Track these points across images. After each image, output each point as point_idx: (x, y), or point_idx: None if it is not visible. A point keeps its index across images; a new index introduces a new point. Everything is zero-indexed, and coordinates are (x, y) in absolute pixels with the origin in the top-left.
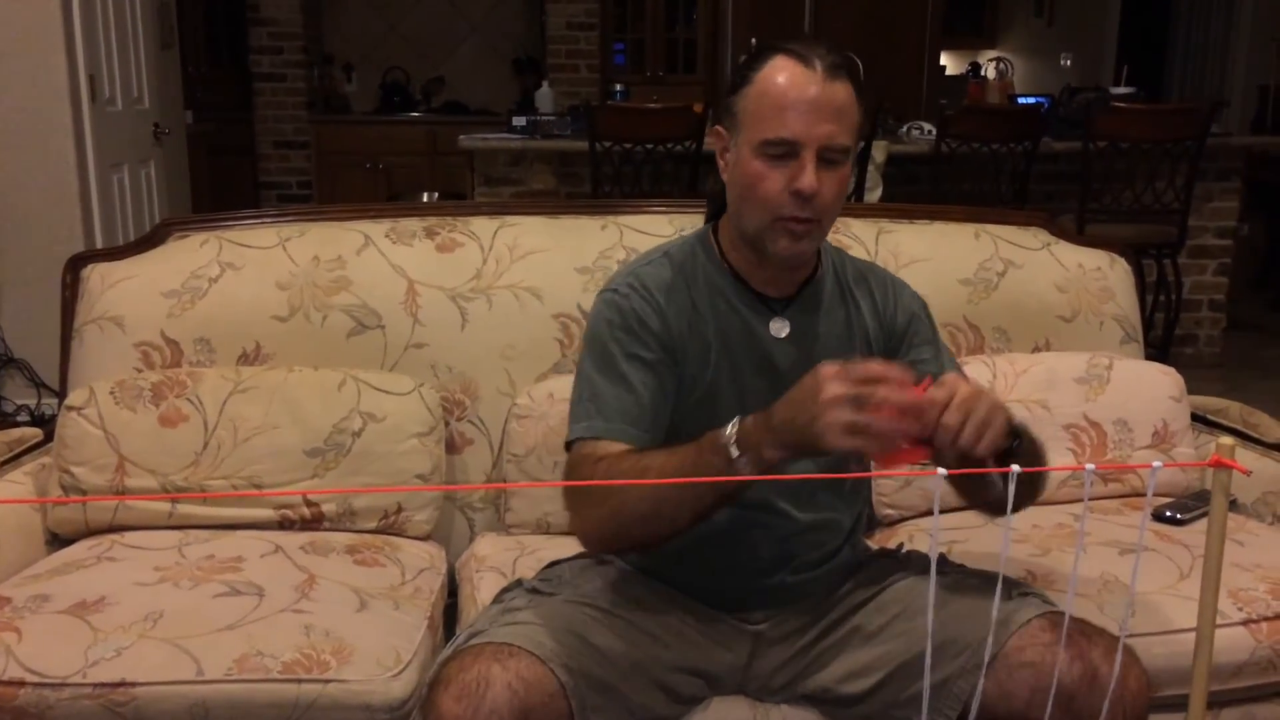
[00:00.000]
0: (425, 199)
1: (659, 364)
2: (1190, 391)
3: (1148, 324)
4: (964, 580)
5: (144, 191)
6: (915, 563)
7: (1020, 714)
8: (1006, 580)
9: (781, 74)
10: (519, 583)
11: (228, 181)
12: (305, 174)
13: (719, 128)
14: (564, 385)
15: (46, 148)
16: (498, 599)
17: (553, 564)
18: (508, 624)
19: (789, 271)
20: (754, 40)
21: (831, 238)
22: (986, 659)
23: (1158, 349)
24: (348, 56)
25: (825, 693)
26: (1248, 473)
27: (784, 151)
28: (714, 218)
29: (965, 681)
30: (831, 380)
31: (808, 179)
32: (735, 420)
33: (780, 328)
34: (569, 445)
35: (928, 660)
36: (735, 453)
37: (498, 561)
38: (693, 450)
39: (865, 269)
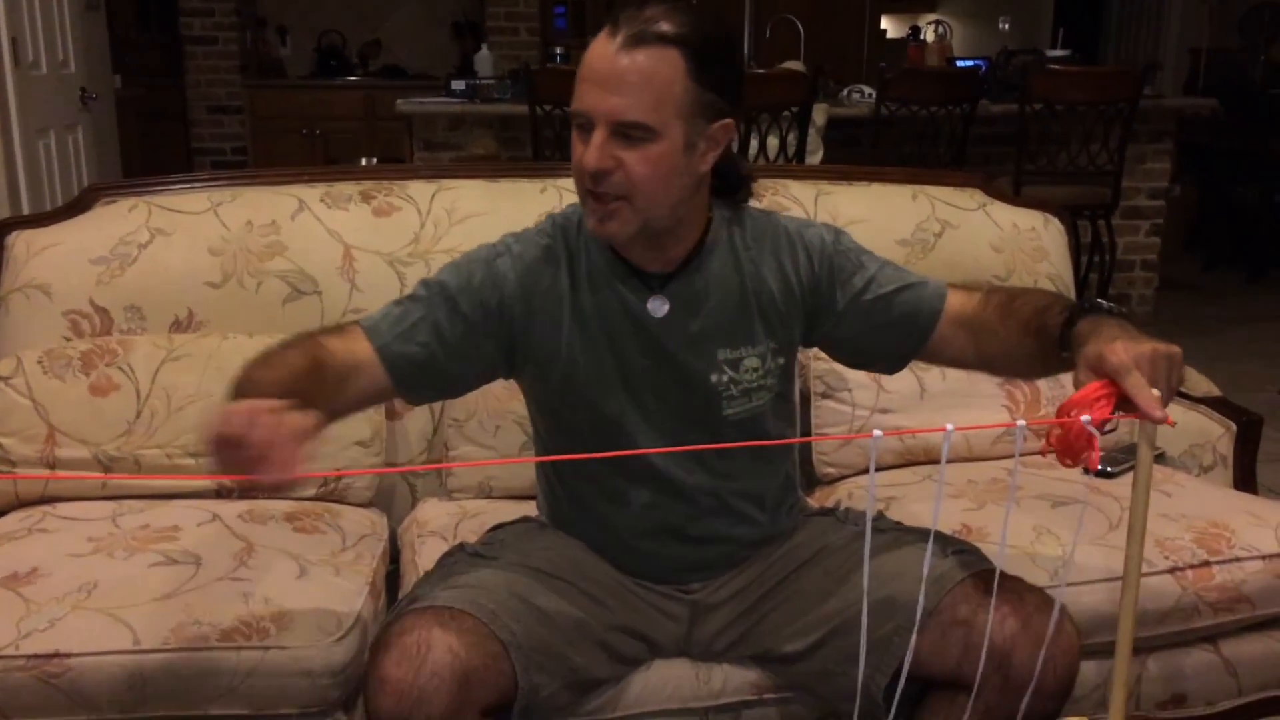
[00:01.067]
0: (364, 165)
1: (467, 330)
2: None
3: (1082, 284)
4: (901, 538)
5: (71, 158)
6: (853, 520)
7: (952, 672)
8: (941, 537)
9: (593, 44)
10: (461, 547)
11: (159, 148)
12: (240, 140)
13: None
14: None
15: None
16: (440, 564)
17: (495, 528)
18: (449, 588)
19: (660, 249)
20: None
21: (772, 200)
22: (919, 617)
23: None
24: (281, 19)
25: (767, 653)
26: (1173, 424)
27: (583, 123)
28: None
29: (901, 639)
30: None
31: (588, 153)
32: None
33: (658, 306)
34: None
35: (864, 619)
36: None
37: (439, 526)
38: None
39: (764, 226)
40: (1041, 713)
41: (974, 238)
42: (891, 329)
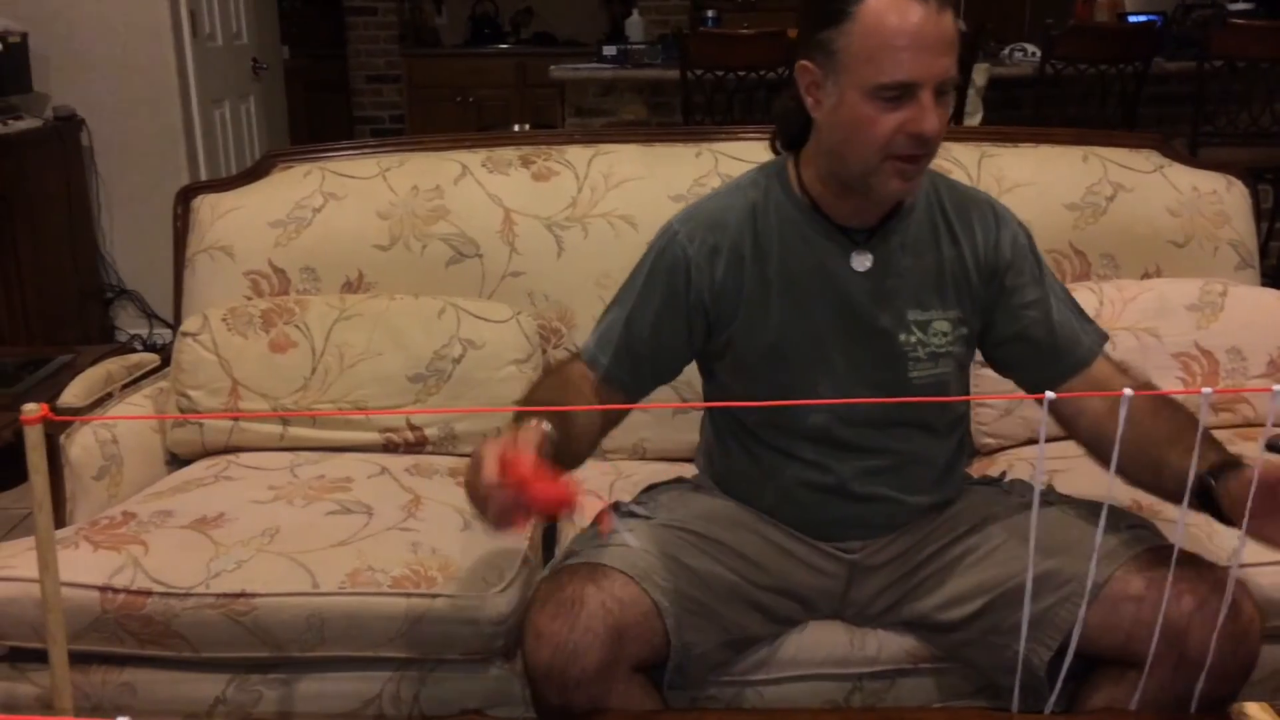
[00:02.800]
0: (517, 130)
1: (681, 326)
2: None
3: (1264, 250)
4: (1069, 511)
5: (244, 126)
6: (1018, 492)
7: (1121, 647)
8: (1114, 511)
9: (891, 12)
10: (615, 506)
11: (323, 116)
12: (398, 108)
13: (807, 63)
14: None
15: (151, 84)
16: (594, 522)
17: (649, 488)
18: (603, 545)
19: (867, 203)
20: None
21: (934, 163)
22: (1089, 589)
23: (1272, 277)
24: None
25: (923, 619)
26: None
27: (900, 94)
28: (789, 146)
29: (1067, 612)
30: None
31: (930, 122)
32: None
33: (862, 260)
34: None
35: (1028, 588)
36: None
37: (594, 485)
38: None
39: (968, 198)
40: (1219, 695)
41: (1149, 201)
42: (1042, 350)
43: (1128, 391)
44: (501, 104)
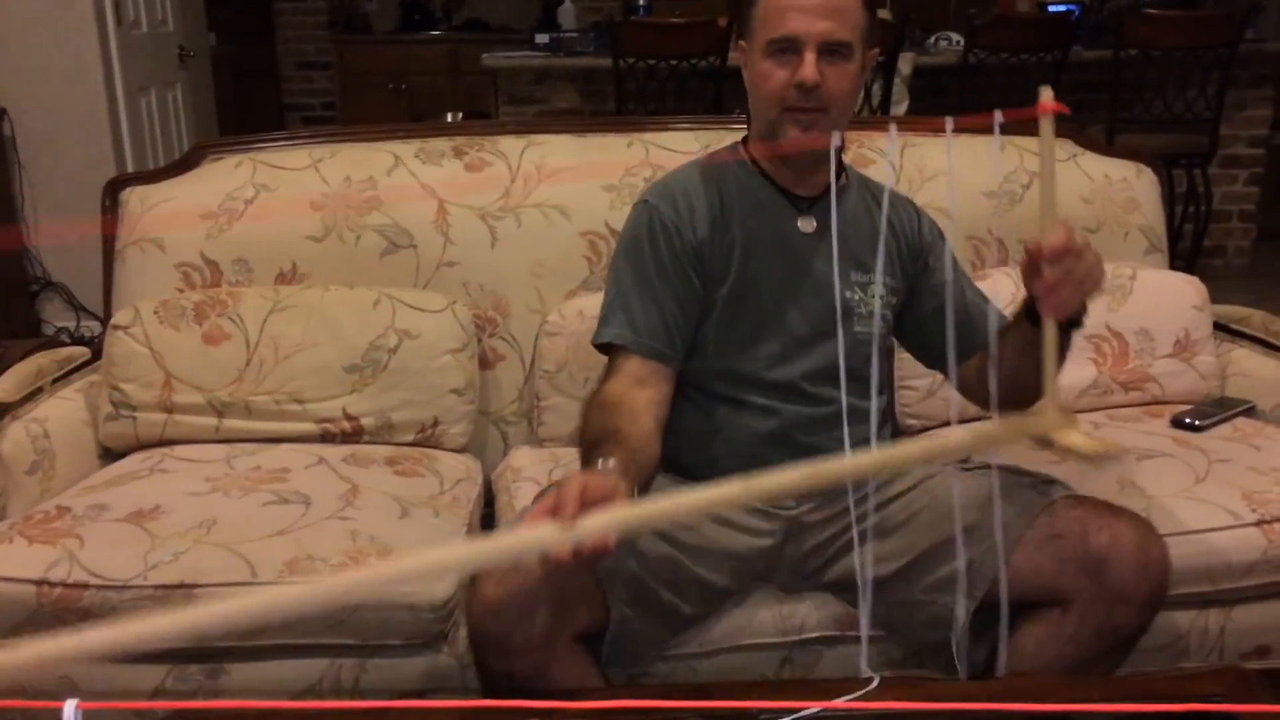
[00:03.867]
0: (450, 119)
1: (687, 277)
2: (1219, 302)
3: (1177, 235)
4: (992, 473)
5: (171, 114)
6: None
7: (1049, 586)
8: (1032, 474)
9: None
10: (557, 484)
11: (252, 104)
12: (329, 95)
13: (741, 42)
14: (593, 303)
15: (75, 72)
16: (540, 496)
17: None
18: None
19: (812, 173)
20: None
21: (857, 152)
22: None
23: (1186, 260)
24: None
25: (851, 578)
26: (1069, 111)
27: (786, 47)
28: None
29: (992, 560)
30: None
31: (808, 70)
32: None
33: (807, 224)
34: (601, 347)
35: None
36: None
37: (534, 473)
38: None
39: (892, 192)
40: (1132, 623)
41: (1064, 189)
42: (955, 327)
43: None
44: (434, 91)
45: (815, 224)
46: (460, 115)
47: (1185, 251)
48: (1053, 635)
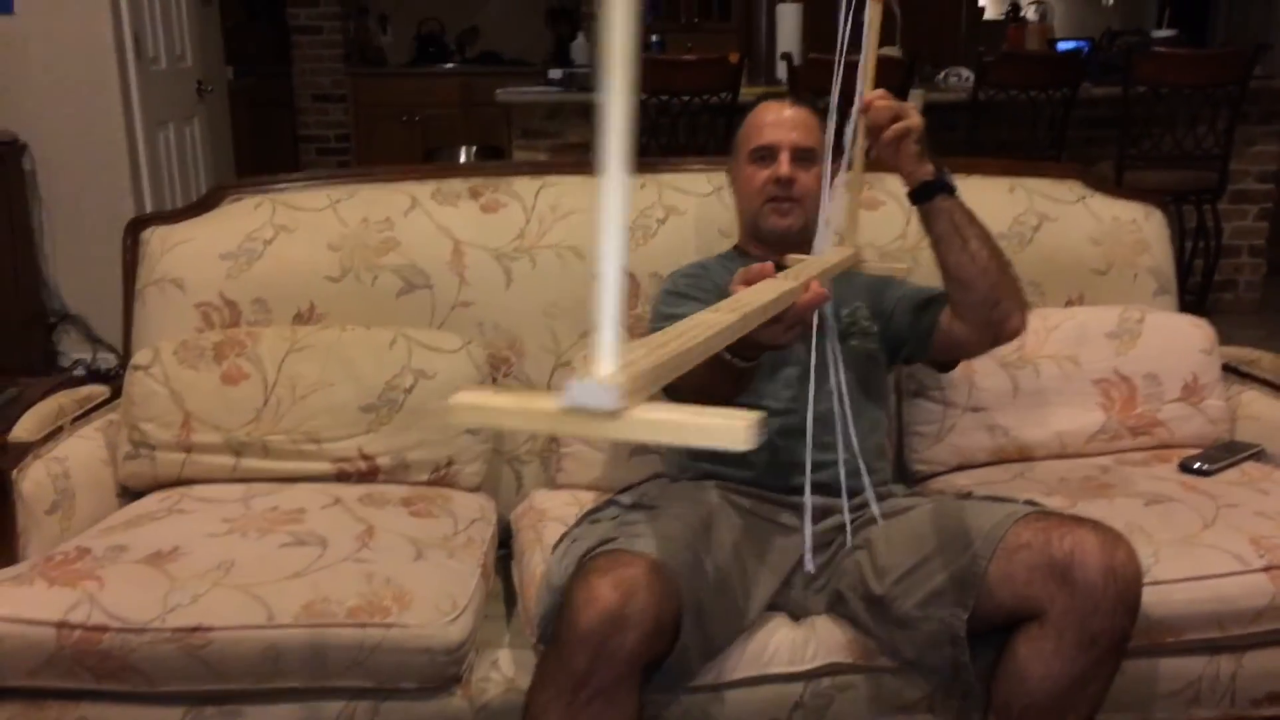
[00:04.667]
0: (464, 153)
1: (713, 300)
2: (1229, 338)
3: (1187, 270)
4: (977, 498)
5: (189, 148)
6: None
7: (1022, 595)
8: (1007, 498)
9: (760, 110)
10: (612, 501)
11: (267, 135)
12: (343, 127)
13: (730, 166)
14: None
15: (94, 108)
16: (592, 516)
17: (626, 488)
18: (639, 535)
19: (793, 251)
20: None
21: (868, 194)
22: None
23: (1196, 296)
24: (382, 8)
25: (855, 589)
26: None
27: (766, 154)
28: None
29: (977, 568)
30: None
31: (783, 167)
32: None
33: None
34: None
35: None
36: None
37: (559, 514)
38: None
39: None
40: (1111, 629)
41: (1073, 231)
42: (915, 306)
43: None
44: (447, 123)
45: None
46: (474, 149)
47: (1195, 287)
48: (1037, 652)
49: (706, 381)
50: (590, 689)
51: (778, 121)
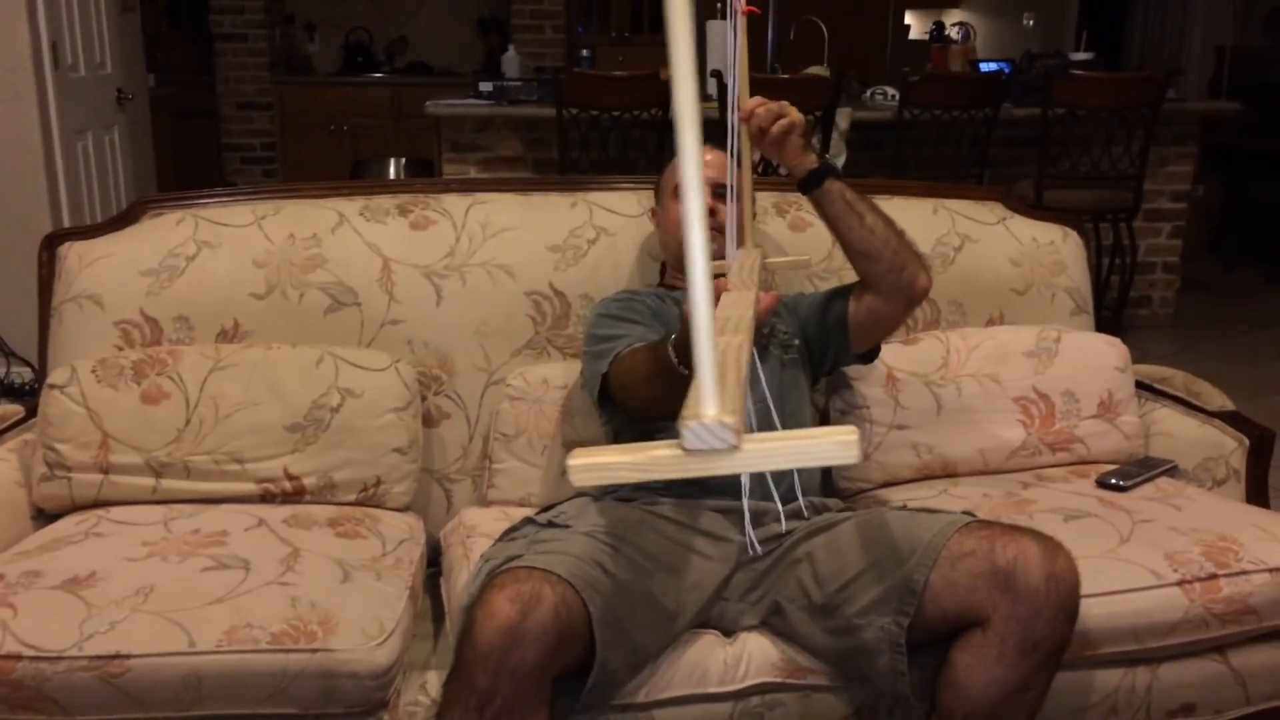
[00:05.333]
0: (393, 165)
1: (648, 323)
2: (1145, 352)
3: (1104, 285)
4: (913, 510)
5: (108, 158)
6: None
7: (965, 602)
8: (947, 511)
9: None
10: (529, 520)
11: (191, 144)
12: (269, 135)
13: (654, 208)
14: (557, 371)
15: (11, 117)
16: (512, 534)
17: (548, 507)
18: (544, 553)
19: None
20: (719, 3)
21: (795, 215)
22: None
23: (1113, 311)
24: (310, 16)
25: (795, 600)
26: (758, 11)
27: None
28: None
29: (918, 574)
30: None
31: (705, 199)
32: (670, 340)
33: None
34: (602, 378)
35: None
36: (676, 360)
37: (488, 529)
38: (654, 357)
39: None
40: (1051, 636)
41: (993, 252)
42: (820, 300)
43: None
44: (376, 133)
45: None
46: (403, 161)
47: (1113, 302)
48: (980, 660)
49: (658, 394)
50: (495, 707)
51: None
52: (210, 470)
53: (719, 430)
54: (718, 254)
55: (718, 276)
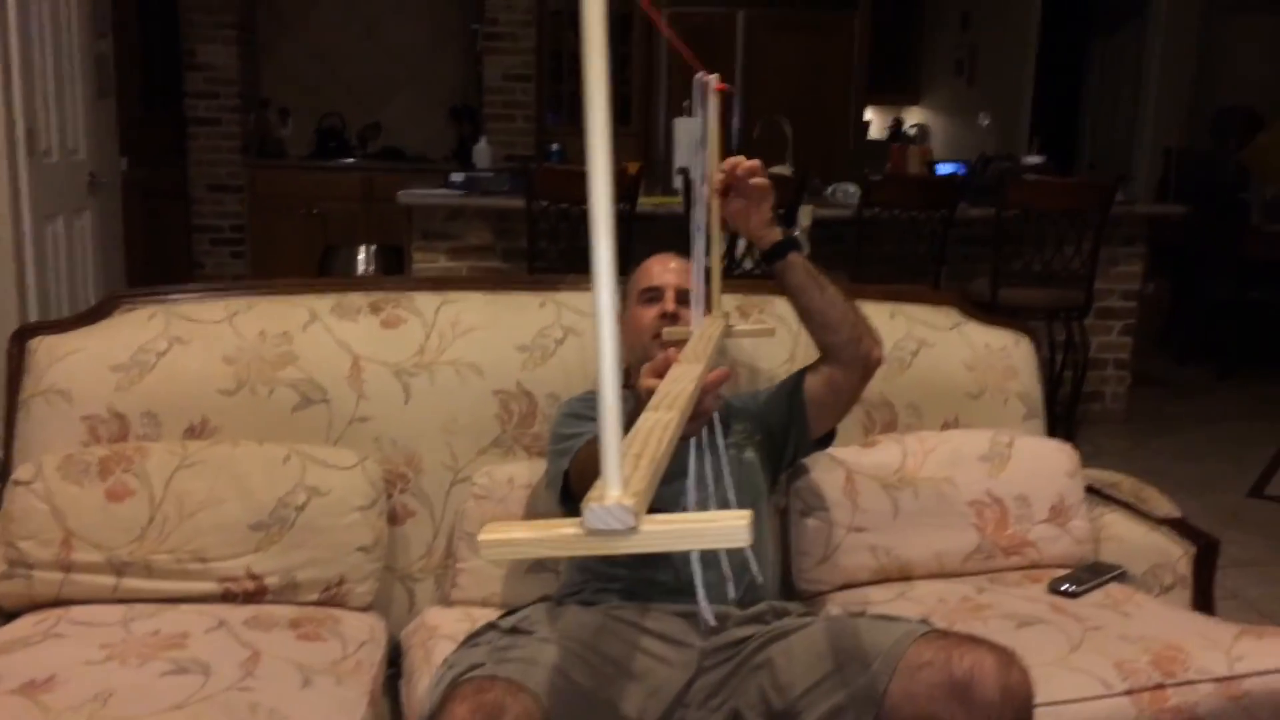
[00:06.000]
0: (363, 252)
1: None
2: (1098, 447)
3: (1057, 382)
4: (873, 617)
5: (77, 241)
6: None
7: (924, 710)
8: (905, 619)
9: (649, 261)
10: (491, 625)
11: (161, 224)
12: (239, 217)
13: (620, 313)
14: (523, 470)
15: None
16: (474, 639)
17: (510, 611)
18: (507, 660)
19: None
20: (685, 103)
21: (757, 316)
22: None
23: (1067, 406)
24: (284, 101)
25: (753, 704)
26: (730, 89)
27: (654, 295)
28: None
29: (879, 683)
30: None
31: (669, 303)
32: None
33: None
34: (563, 478)
35: None
36: None
37: (451, 631)
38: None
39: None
40: None
41: (948, 356)
42: (779, 389)
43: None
44: (347, 217)
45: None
46: (374, 248)
47: (1066, 397)
48: None
49: None
50: None
51: (664, 269)
52: (172, 569)
53: (618, 512)
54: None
55: (674, 344)
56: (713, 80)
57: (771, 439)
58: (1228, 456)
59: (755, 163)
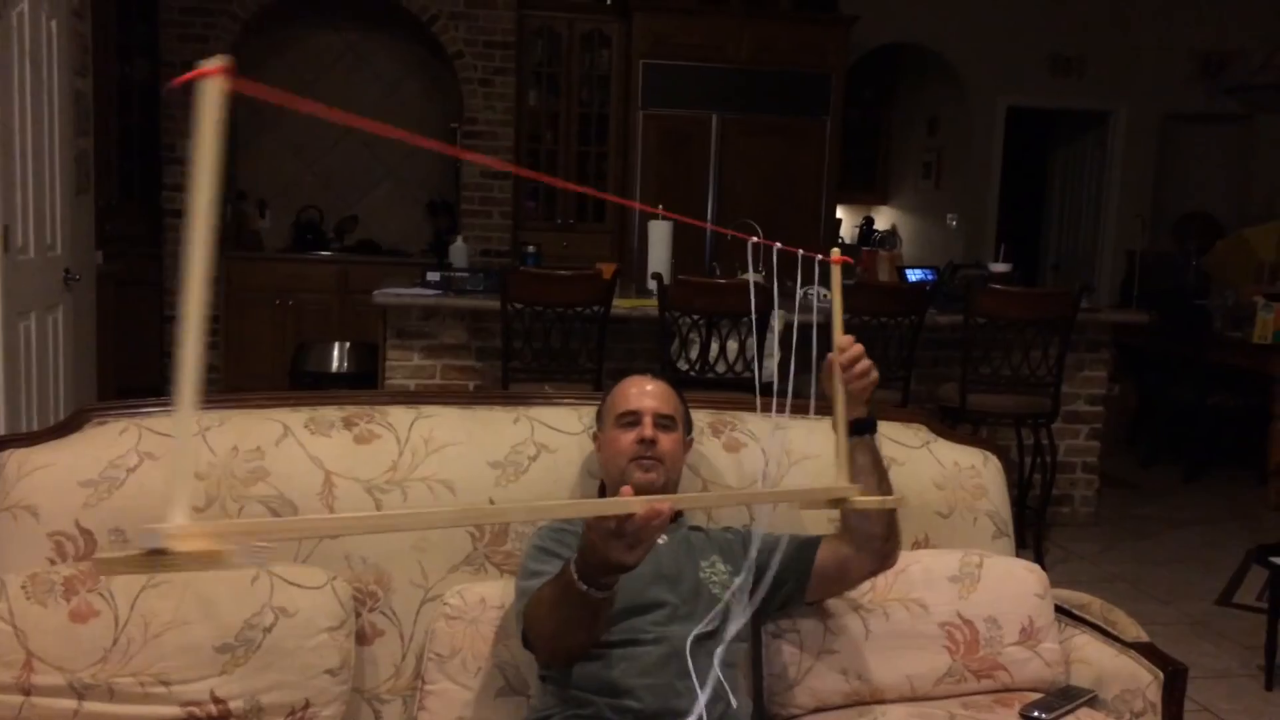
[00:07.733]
0: (336, 349)
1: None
2: (1068, 550)
3: (1027, 486)
4: None
5: (50, 338)
6: None
7: None
8: None
9: (626, 382)
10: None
11: (133, 314)
12: (213, 309)
13: (596, 433)
14: (495, 590)
15: None
16: None
17: None
18: None
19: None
20: (660, 206)
21: (730, 435)
22: None
23: (1036, 510)
24: (262, 194)
25: None
26: (851, 261)
27: (632, 420)
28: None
29: None
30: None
31: (646, 429)
32: (572, 559)
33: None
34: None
35: None
36: (576, 577)
37: None
38: (559, 581)
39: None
40: None
41: (919, 475)
42: (791, 553)
43: None
44: (321, 309)
45: (666, 538)
46: (347, 345)
47: (1035, 501)
48: None
49: (566, 617)
50: None
51: (641, 392)
52: (134, 693)
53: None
54: (654, 485)
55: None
56: (836, 253)
57: (761, 575)
58: (1196, 561)
59: (867, 363)
